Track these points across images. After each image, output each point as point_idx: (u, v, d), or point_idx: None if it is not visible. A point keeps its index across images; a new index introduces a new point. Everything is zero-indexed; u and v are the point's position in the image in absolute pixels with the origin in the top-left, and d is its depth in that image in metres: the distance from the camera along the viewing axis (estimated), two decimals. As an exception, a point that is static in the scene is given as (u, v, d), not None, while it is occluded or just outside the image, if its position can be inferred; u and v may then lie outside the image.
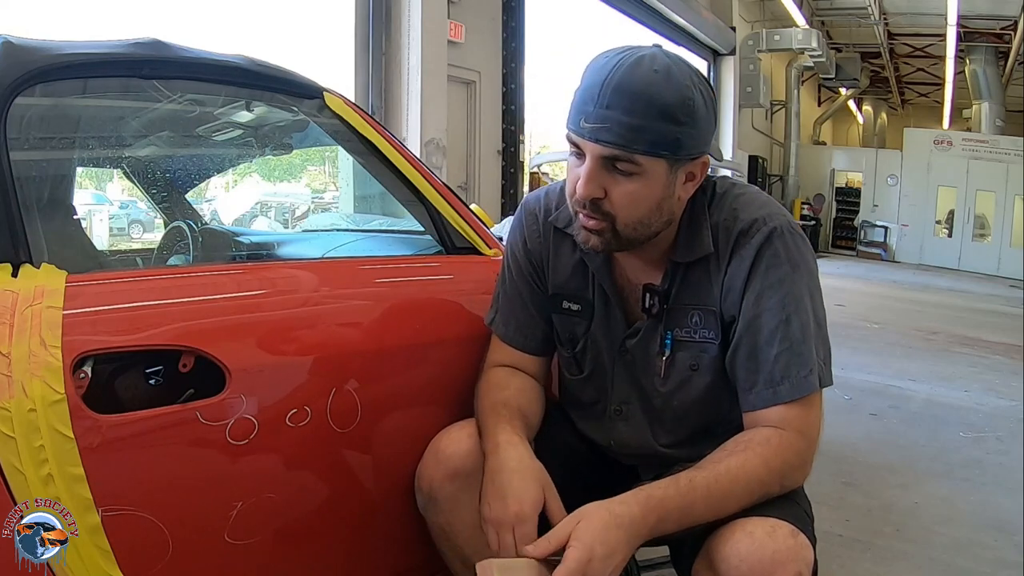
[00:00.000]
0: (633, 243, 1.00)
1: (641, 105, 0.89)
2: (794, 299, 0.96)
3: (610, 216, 0.96)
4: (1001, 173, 12.96)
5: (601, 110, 0.90)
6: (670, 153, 0.92)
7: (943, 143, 13.74)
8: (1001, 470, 2.73)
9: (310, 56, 5.31)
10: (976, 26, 11.94)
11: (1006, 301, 8.85)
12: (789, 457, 0.94)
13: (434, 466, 1.08)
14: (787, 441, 0.95)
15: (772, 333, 0.96)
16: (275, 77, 1.27)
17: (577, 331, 1.14)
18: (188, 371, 0.94)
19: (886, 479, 2.58)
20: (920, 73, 16.15)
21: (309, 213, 7.23)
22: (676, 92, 0.90)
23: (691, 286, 1.03)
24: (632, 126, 0.89)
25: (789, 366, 0.95)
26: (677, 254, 1.02)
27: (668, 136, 0.90)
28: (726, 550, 0.88)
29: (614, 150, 0.91)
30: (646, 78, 0.89)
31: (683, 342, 1.04)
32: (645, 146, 0.90)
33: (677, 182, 0.96)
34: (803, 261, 0.98)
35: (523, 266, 1.16)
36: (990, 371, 4.50)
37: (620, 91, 0.89)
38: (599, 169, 0.93)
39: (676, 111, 0.90)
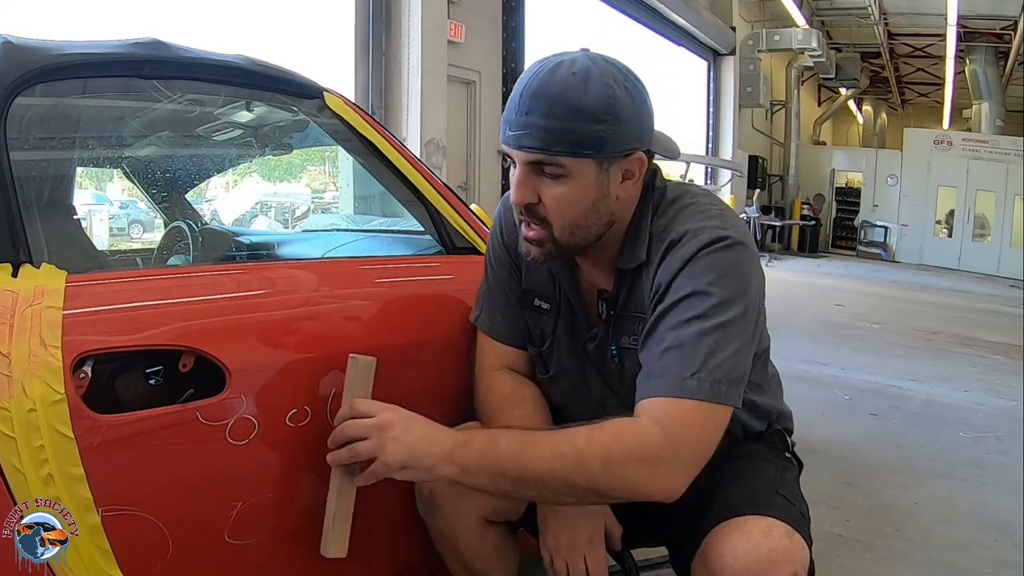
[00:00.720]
0: (574, 249, 0.99)
1: (558, 108, 0.89)
2: (702, 307, 0.90)
3: (546, 222, 0.96)
4: (1001, 173, 12.95)
5: (521, 117, 0.91)
6: (595, 152, 0.91)
7: (943, 143, 13.73)
8: (1001, 470, 2.73)
9: (310, 56, 5.31)
10: (976, 26, 11.94)
11: (1006, 301, 8.85)
12: (627, 441, 0.87)
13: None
14: (635, 427, 0.88)
15: (666, 331, 0.91)
16: (275, 77, 1.27)
17: (546, 329, 1.14)
18: (188, 371, 0.94)
19: (886, 479, 2.58)
20: (920, 73, 16.15)
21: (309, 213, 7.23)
22: (595, 92, 0.89)
23: (634, 294, 1.02)
24: (551, 129, 0.90)
25: (670, 363, 0.89)
26: (620, 260, 1.02)
27: (590, 136, 0.90)
28: (722, 548, 0.88)
29: (537, 155, 0.92)
30: (563, 82, 0.90)
31: (628, 350, 1.03)
32: (567, 148, 0.90)
33: (611, 181, 0.95)
34: (730, 271, 0.92)
35: (504, 260, 1.17)
36: (990, 371, 4.49)
37: (537, 96, 0.90)
38: (528, 175, 0.94)
39: (595, 110, 0.89)
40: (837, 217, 14.86)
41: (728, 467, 1.04)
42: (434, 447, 0.91)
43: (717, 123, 11.66)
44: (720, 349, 0.89)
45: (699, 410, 0.88)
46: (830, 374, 4.07)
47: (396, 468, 0.92)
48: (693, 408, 0.88)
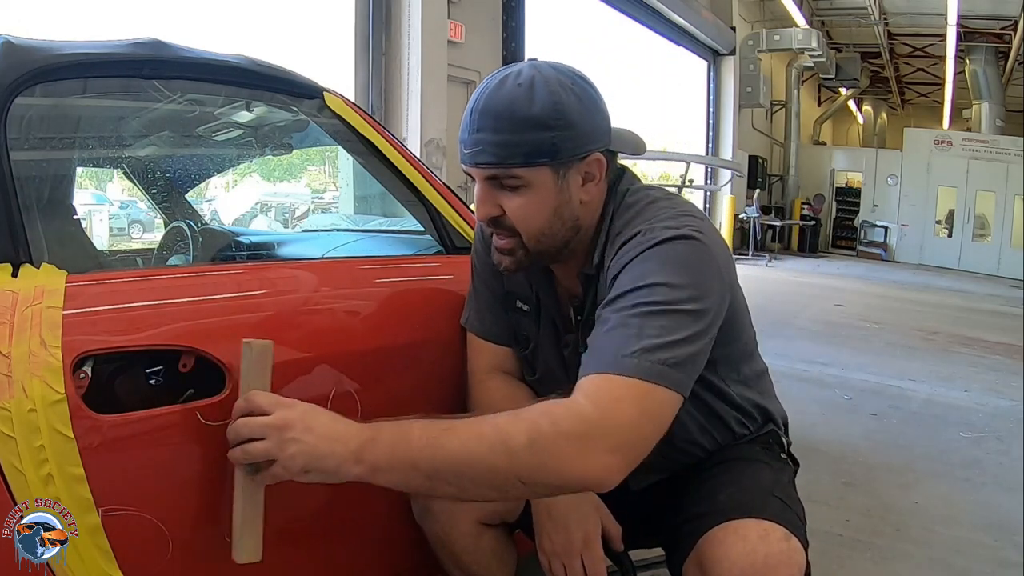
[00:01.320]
0: (545, 256, 1.00)
1: (506, 121, 0.90)
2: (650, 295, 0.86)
3: (513, 231, 0.97)
4: (1001, 173, 12.95)
5: (473, 135, 0.92)
6: (549, 159, 0.91)
7: (943, 143, 13.73)
8: (1001, 470, 2.73)
9: (310, 56, 5.31)
10: (976, 26, 11.94)
11: (1006, 301, 8.85)
12: (556, 416, 0.81)
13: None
14: (565, 403, 0.82)
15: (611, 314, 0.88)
16: (275, 77, 1.27)
17: (529, 332, 1.14)
18: (188, 371, 0.94)
19: (886, 479, 2.58)
20: (920, 73, 16.15)
21: (309, 213, 7.23)
22: (540, 100, 0.89)
23: (598, 298, 1.00)
24: (502, 143, 0.90)
25: (610, 342, 0.85)
26: (586, 266, 1.02)
27: (542, 144, 0.90)
28: (718, 553, 0.87)
29: (492, 170, 0.93)
30: (509, 95, 0.90)
31: None
32: (520, 159, 0.91)
33: (571, 186, 0.95)
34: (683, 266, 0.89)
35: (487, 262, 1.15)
36: (990, 371, 4.49)
37: (486, 113, 0.91)
38: (488, 190, 0.95)
39: (543, 118, 0.89)
40: (837, 217, 14.87)
41: (723, 469, 1.04)
42: (337, 446, 0.82)
43: (717, 123, 11.67)
44: (666, 333, 0.84)
45: (634, 388, 0.81)
46: (830, 374, 4.07)
47: (297, 472, 0.83)
48: (628, 385, 0.81)
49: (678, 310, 0.86)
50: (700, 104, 11.63)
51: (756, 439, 1.12)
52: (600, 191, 1.00)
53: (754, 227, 11.53)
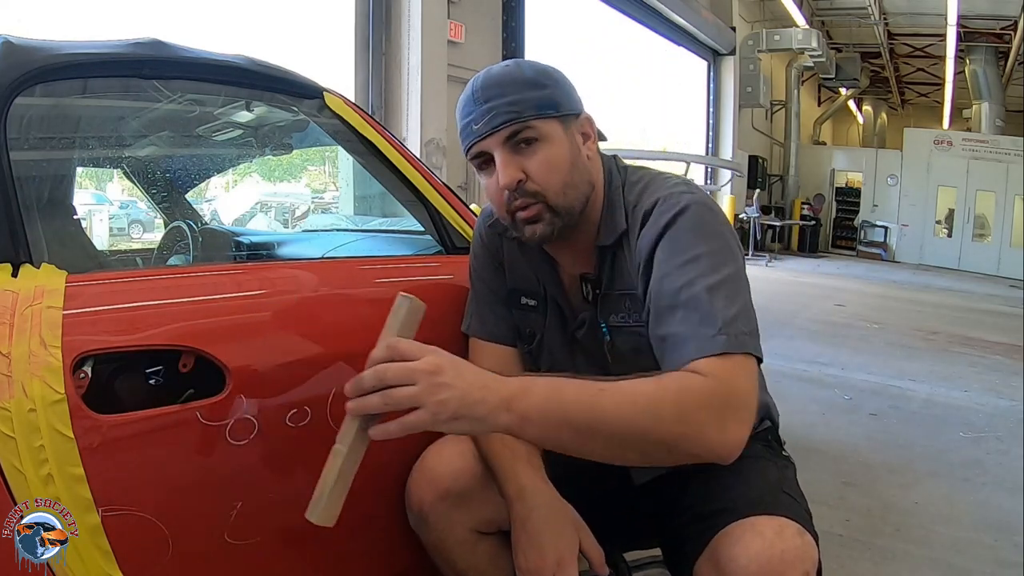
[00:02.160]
0: (572, 214, 1.01)
1: (509, 85, 0.98)
2: (700, 266, 0.91)
3: (539, 194, 0.99)
4: (1001, 173, 12.95)
5: (481, 107, 0.99)
6: (554, 111, 0.99)
7: (943, 143, 13.73)
8: (1001, 470, 2.73)
9: (310, 56, 5.31)
10: (976, 26, 11.94)
11: (1006, 301, 8.85)
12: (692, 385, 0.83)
13: (424, 486, 1.07)
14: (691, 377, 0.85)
15: (674, 296, 0.91)
16: (275, 77, 1.27)
17: (535, 327, 1.15)
18: (188, 371, 0.94)
19: (886, 479, 2.58)
20: (920, 73, 16.15)
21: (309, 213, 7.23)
22: (529, 68, 1.01)
23: (618, 271, 1.04)
24: (512, 101, 0.98)
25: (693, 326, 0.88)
26: (600, 238, 1.04)
27: (544, 98, 0.99)
28: (735, 550, 0.87)
29: (511, 125, 0.98)
30: (500, 70, 1.01)
31: (618, 328, 1.04)
32: (531, 111, 0.98)
33: (576, 140, 1.02)
34: (709, 229, 0.95)
35: (487, 263, 1.19)
36: (990, 371, 4.49)
37: (488, 86, 0.99)
38: (509, 155, 0.99)
39: (538, 78, 1.00)
40: (837, 217, 14.86)
41: (729, 466, 1.04)
42: (489, 393, 0.80)
43: (717, 123, 11.66)
44: (732, 303, 0.89)
45: (737, 362, 0.86)
46: (830, 374, 4.07)
47: (446, 418, 0.79)
48: (732, 361, 0.86)
49: (729, 276, 0.92)
50: (700, 104, 11.63)
51: (756, 435, 1.12)
52: (596, 153, 1.06)
53: (754, 227, 11.53)
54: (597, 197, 1.05)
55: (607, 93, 8.98)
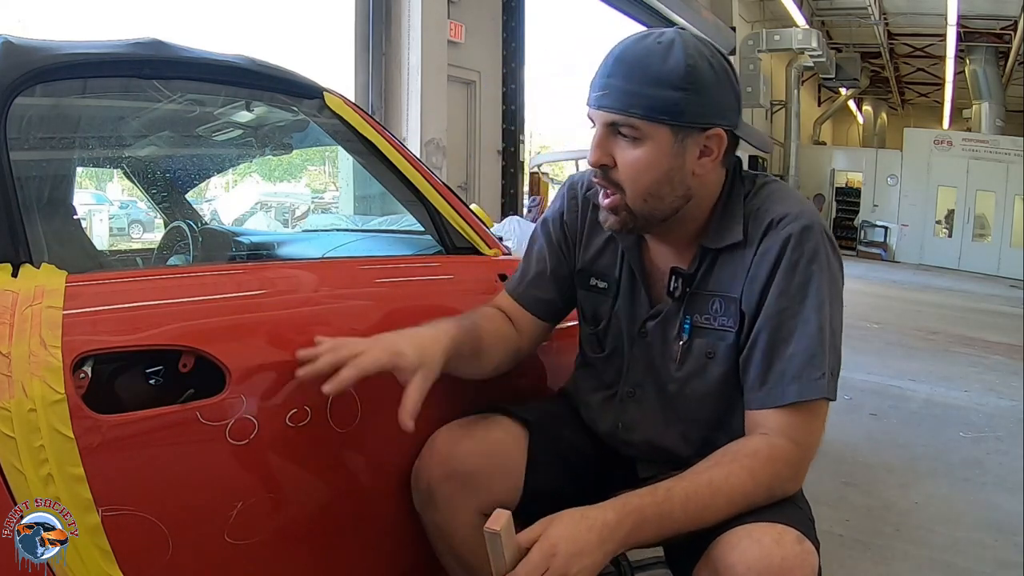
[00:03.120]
0: (649, 220, 0.99)
1: (639, 71, 0.92)
2: (817, 302, 0.95)
3: (620, 188, 0.97)
4: (1001, 173, 12.96)
5: (604, 79, 0.94)
6: (670, 119, 0.92)
7: (943, 143, 13.74)
8: (1001, 470, 2.73)
9: (310, 56, 5.31)
10: (976, 26, 11.94)
11: (1006, 301, 8.85)
12: (780, 469, 0.92)
13: (432, 465, 1.08)
14: (779, 451, 0.92)
15: (791, 332, 0.95)
16: (275, 77, 1.27)
17: (601, 309, 1.14)
18: (188, 371, 0.94)
19: (886, 479, 2.58)
20: (920, 73, 16.15)
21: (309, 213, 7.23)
22: (675, 60, 0.91)
23: (717, 273, 1.02)
24: (629, 91, 0.92)
25: (803, 368, 0.94)
26: (707, 239, 1.02)
27: (667, 101, 0.91)
28: (732, 558, 0.86)
29: (614, 115, 0.94)
30: (648, 47, 0.93)
31: (702, 328, 1.03)
32: (643, 110, 0.92)
33: (687, 154, 0.95)
34: (829, 266, 0.97)
35: (556, 237, 1.18)
36: (990, 371, 4.50)
37: (620, 60, 0.93)
38: (606, 136, 0.96)
39: (674, 78, 0.91)
40: (837, 217, 14.86)
41: None
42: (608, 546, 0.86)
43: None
44: (831, 344, 0.95)
45: (822, 408, 0.95)
46: (830, 374, 4.07)
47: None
48: (820, 409, 0.95)
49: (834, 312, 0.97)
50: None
51: None
52: (715, 169, 0.99)
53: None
54: (704, 204, 1.01)
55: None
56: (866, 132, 18.97)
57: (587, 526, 0.85)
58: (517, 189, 6.67)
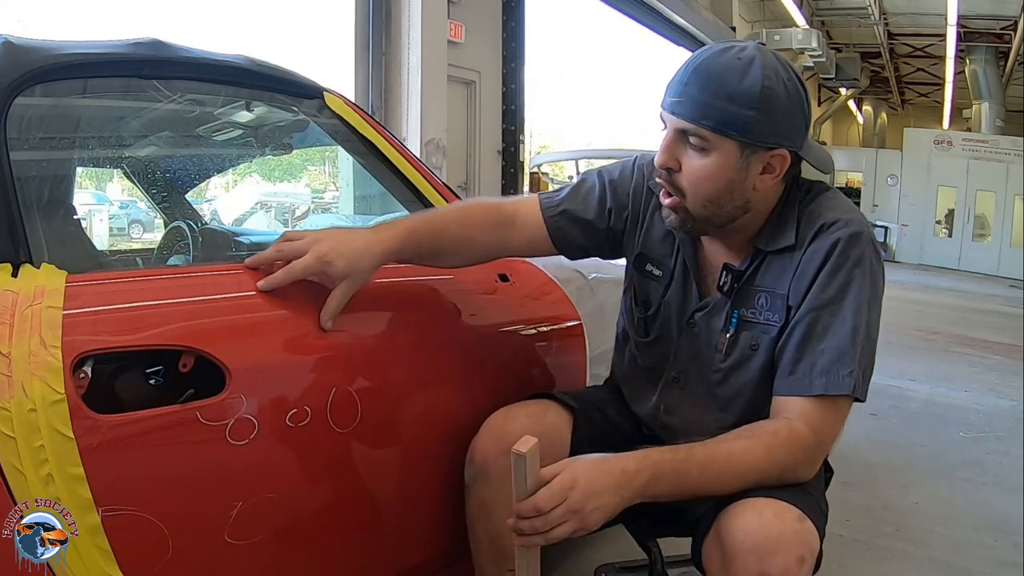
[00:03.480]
0: (707, 224, 1.03)
1: (715, 84, 0.94)
2: (856, 304, 0.98)
3: (681, 191, 1.01)
4: (1001, 173, 12.96)
5: (681, 86, 0.97)
6: (739, 135, 0.95)
7: (943, 143, 13.74)
8: (1001, 470, 2.73)
9: (310, 56, 5.31)
10: (976, 26, 11.94)
11: (1006, 301, 8.85)
12: (795, 452, 0.96)
13: (491, 441, 1.11)
14: (797, 436, 0.96)
15: (826, 328, 0.98)
16: (275, 77, 1.27)
17: (652, 295, 1.17)
18: (188, 371, 0.94)
19: (886, 479, 2.58)
20: (920, 73, 16.15)
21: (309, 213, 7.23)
22: (752, 78, 0.94)
23: (768, 272, 1.05)
24: (703, 102, 0.95)
25: (832, 363, 0.97)
26: (762, 242, 1.05)
27: (738, 118, 0.94)
28: (734, 525, 0.90)
29: (685, 123, 0.97)
30: (728, 62, 0.95)
31: (748, 322, 1.06)
32: (714, 123, 0.95)
33: (751, 170, 0.99)
34: (872, 273, 1.00)
35: (608, 200, 1.19)
36: (990, 371, 4.50)
37: (699, 71, 0.96)
38: (675, 141, 1.00)
39: (749, 96, 0.94)
40: (837, 217, 14.83)
41: None
42: (624, 491, 0.91)
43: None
44: (865, 347, 0.99)
45: (845, 405, 1.00)
46: (830, 374, 4.06)
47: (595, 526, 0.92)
48: (842, 406, 0.99)
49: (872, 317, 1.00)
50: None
51: None
52: (775, 186, 1.03)
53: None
54: (760, 213, 1.05)
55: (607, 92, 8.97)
56: (866, 132, 18.96)
57: (607, 469, 0.91)
58: (517, 189, 6.67)
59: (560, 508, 0.89)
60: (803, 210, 1.05)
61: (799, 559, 0.87)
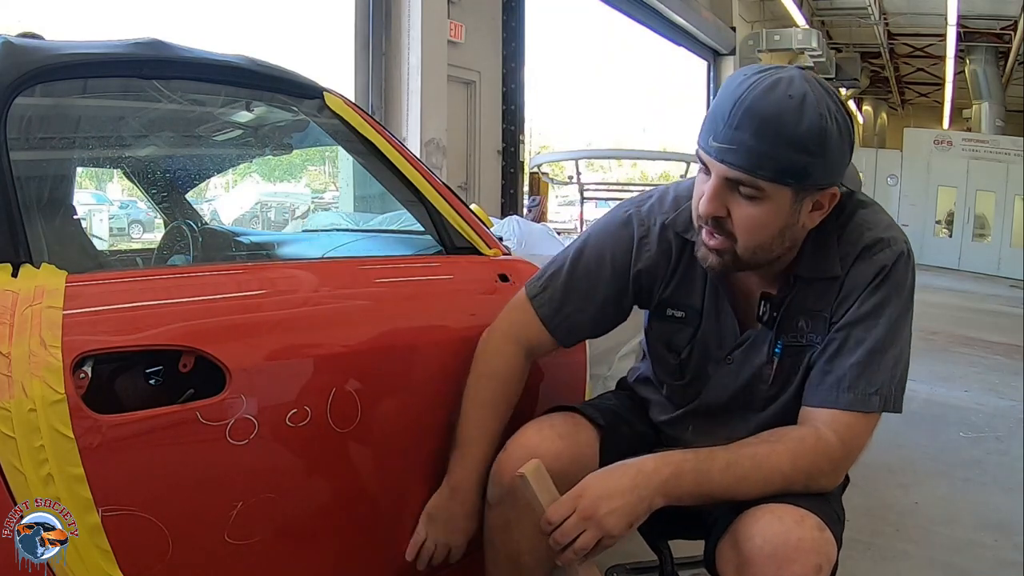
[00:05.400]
0: (751, 266, 0.99)
1: (771, 131, 0.87)
2: (889, 322, 0.97)
3: (732, 236, 0.95)
4: (1001, 173, 12.95)
5: (730, 131, 0.89)
6: (796, 182, 0.90)
7: (943, 143, 13.73)
8: (1001, 470, 2.73)
9: (310, 56, 5.31)
10: (976, 26, 11.93)
11: (1006, 301, 8.85)
12: (820, 460, 0.95)
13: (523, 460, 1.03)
14: (823, 444, 0.95)
15: (857, 343, 0.97)
16: (275, 77, 1.27)
17: (679, 338, 1.12)
18: (188, 371, 0.94)
19: (886, 479, 2.58)
20: (920, 73, 16.15)
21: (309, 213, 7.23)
22: (809, 121, 0.87)
23: (807, 296, 1.02)
24: (759, 152, 0.87)
25: (859, 379, 0.96)
26: (800, 270, 1.01)
27: (796, 165, 0.88)
28: (752, 530, 0.90)
29: (738, 173, 0.90)
30: (780, 103, 0.87)
31: (791, 347, 1.04)
32: (771, 173, 0.89)
33: (803, 211, 0.95)
34: (909, 290, 1.00)
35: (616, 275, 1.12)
36: (990, 371, 4.49)
37: (751, 114, 0.87)
38: (723, 188, 0.92)
39: (807, 141, 0.87)
40: (837, 217, 14.84)
41: None
42: (642, 491, 0.91)
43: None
44: (898, 363, 0.98)
45: (873, 421, 0.98)
46: (830, 374, 4.06)
47: (624, 531, 0.92)
48: (870, 419, 0.97)
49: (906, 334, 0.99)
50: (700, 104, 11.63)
51: None
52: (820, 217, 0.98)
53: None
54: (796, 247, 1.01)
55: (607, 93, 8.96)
56: (866, 132, 18.96)
57: (621, 471, 0.92)
58: (517, 189, 6.67)
59: (572, 518, 0.89)
60: (842, 230, 1.00)
61: (816, 567, 0.87)
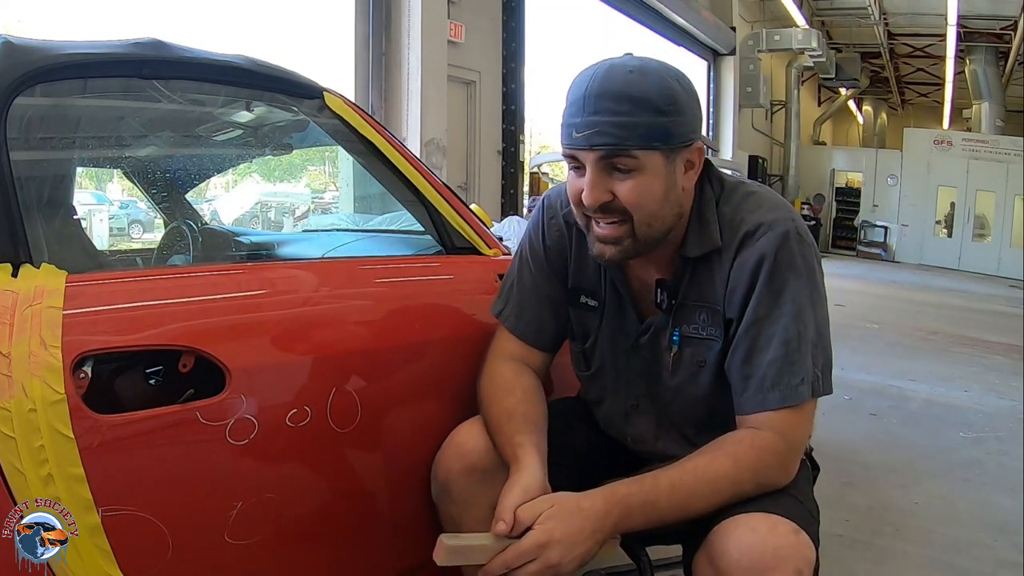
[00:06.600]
0: (651, 243, 1.00)
1: (625, 103, 0.92)
2: (794, 308, 0.97)
3: (625, 214, 0.97)
4: (1001, 173, 12.95)
5: (589, 117, 0.93)
6: (662, 143, 0.94)
7: (943, 143, 13.73)
8: (1001, 470, 2.73)
9: (310, 56, 5.31)
10: (976, 26, 11.94)
11: (1006, 301, 8.86)
12: (764, 456, 0.95)
13: (453, 458, 1.09)
14: (762, 441, 0.96)
15: (768, 340, 0.97)
16: (275, 77, 1.27)
17: (590, 327, 1.15)
18: (188, 371, 0.94)
19: (886, 479, 2.58)
20: (920, 73, 16.15)
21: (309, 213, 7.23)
22: (654, 85, 0.93)
23: (698, 283, 1.04)
24: (621, 124, 0.92)
25: (781, 374, 0.96)
26: (686, 248, 1.03)
27: (656, 127, 0.93)
28: (727, 543, 0.89)
29: (611, 149, 0.94)
30: (623, 79, 0.93)
31: (690, 338, 1.05)
32: (637, 140, 0.93)
33: (677, 172, 0.98)
34: (807, 268, 0.98)
35: (542, 261, 1.17)
36: (990, 371, 4.50)
37: (602, 96, 0.93)
38: (600, 174, 0.96)
39: (659, 103, 0.93)
40: (837, 217, 14.86)
41: None
42: (597, 535, 0.91)
43: (717, 123, 11.67)
44: (816, 345, 0.97)
45: (807, 406, 0.98)
46: (830, 374, 4.06)
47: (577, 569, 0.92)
48: (805, 408, 0.97)
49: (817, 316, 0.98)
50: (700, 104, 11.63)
51: None
52: (694, 180, 1.02)
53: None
54: (685, 215, 1.02)
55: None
56: (866, 132, 18.96)
57: (581, 515, 0.91)
58: (517, 189, 6.67)
59: (534, 564, 0.88)
60: (723, 210, 1.02)
61: (796, 572, 0.86)
